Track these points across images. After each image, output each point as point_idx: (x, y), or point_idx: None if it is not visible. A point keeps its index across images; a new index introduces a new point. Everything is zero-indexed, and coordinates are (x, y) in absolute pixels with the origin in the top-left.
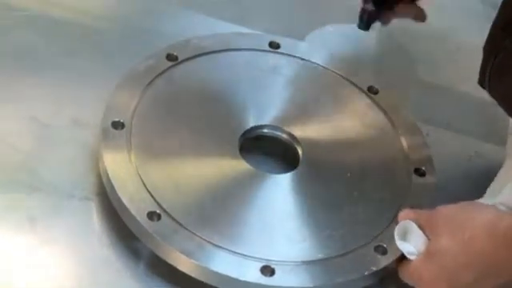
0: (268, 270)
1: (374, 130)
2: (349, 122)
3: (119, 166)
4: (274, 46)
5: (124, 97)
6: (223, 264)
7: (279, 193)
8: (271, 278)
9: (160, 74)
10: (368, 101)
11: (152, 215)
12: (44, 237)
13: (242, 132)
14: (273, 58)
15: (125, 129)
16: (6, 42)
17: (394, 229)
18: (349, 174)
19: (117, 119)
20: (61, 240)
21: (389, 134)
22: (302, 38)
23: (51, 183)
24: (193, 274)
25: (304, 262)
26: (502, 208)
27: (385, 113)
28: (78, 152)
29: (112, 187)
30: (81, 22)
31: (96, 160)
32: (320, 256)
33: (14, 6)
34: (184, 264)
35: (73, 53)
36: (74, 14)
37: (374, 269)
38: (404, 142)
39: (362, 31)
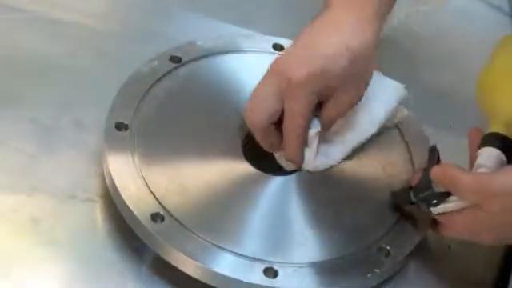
0: (271, 272)
1: (378, 132)
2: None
3: (122, 167)
4: (278, 48)
5: (127, 98)
6: (226, 266)
7: (282, 194)
8: (274, 280)
9: (164, 75)
10: None
11: (155, 217)
12: (47, 238)
13: (246, 133)
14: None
15: (128, 130)
16: (7, 44)
17: (396, 231)
18: (353, 176)
19: (120, 120)
20: (63, 241)
21: (393, 136)
22: None
23: (53, 185)
24: (196, 276)
25: (307, 264)
26: (482, 170)
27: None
28: (80, 153)
29: (115, 189)
30: (82, 24)
31: (98, 161)
32: (323, 258)
33: (14, 8)
34: (187, 265)
35: (74, 54)
36: (75, 16)
37: (377, 271)
38: (408, 144)
39: None
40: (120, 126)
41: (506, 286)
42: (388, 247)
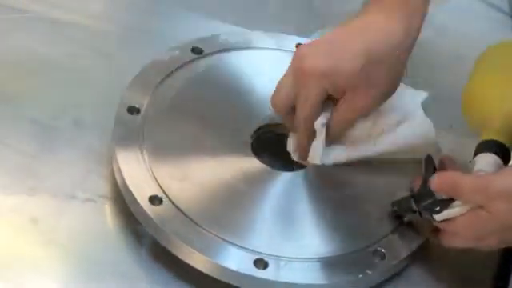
0: (261, 263)
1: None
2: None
3: (130, 158)
4: None
5: (144, 84)
6: (218, 253)
7: (287, 190)
8: (263, 271)
9: (182, 65)
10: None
11: (153, 200)
12: (47, 238)
13: (255, 129)
14: None
15: (140, 114)
16: (7, 44)
17: (395, 236)
18: (361, 178)
19: (133, 104)
20: (63, 241)
21: None
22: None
23: (53, 185)
24: (187, 260)
25: (299, 259)
26: (482, 173)
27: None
28: (80, 153)
29: (121, 176)
30: (82, 24)
31: (98, 161)
32: (317, 255)
33: (14, 8)
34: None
35: (74, 54)
36: (75, 16)
37: (370, 272)
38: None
39: None
40: (132, 110)
41: (505, 286)
42: (384, 250)
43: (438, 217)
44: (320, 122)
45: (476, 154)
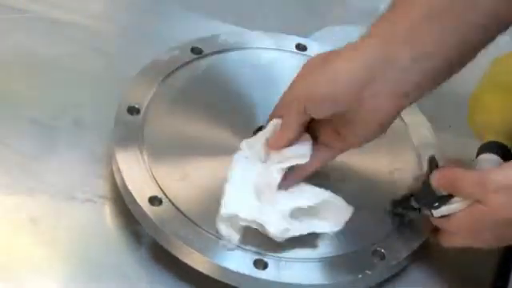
0: (261, 264)
1: (387, 135)
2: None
3: (130, 158)
4: (301, 47)
5: (143, 84)
6: (217, 253)
7: None
8: (263, 272)
9: (182, 65)
10: None
11: (153, 200)
12: (46, 238)
13: (255, 129)
14: (297, 59)
15: (140, 115)
16: (7, 44)
17: (395, 236)
18: (360, 178)
19: (133, 105)
20: (63, 241)
21: (404, 140)
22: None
23: (53, 185)
24: (187, 261)
25: (299, 259)
26: None
27: (401, 119)
28: (80, 153)
29: (121, 176)
30: (82, 24)
31: (98, 162)
32: (316, 255)
33: (14, 8)
34: (179, 249)
35: (74, 54)
36: (75, 16)
37: (369, 272)
38: (419, 150)
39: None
40: (132, 110)
41: (504, 286)
42: (383, 251)
43: (436, 212)
44: (276, 120)
45: (478, 155)
